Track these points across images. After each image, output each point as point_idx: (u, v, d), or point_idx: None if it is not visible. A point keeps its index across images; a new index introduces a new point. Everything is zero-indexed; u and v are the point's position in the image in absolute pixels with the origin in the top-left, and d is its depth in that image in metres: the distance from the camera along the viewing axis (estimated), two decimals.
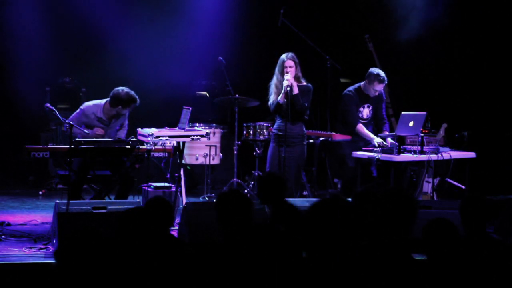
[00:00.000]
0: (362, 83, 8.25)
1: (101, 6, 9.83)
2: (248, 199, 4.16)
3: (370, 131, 8.30)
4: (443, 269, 3.69)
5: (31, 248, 6.20)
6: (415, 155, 7.80)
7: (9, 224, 7.11)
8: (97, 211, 6.27)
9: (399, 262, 3.26)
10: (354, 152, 8.02)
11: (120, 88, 7.42)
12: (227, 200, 4.08)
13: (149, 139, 7.11)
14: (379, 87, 8.13)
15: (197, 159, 9.07)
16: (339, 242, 2.98)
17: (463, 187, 8.40)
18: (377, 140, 8.03)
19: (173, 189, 7.43)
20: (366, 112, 8.29)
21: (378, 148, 7.84)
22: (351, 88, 8.30)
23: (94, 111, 7.44)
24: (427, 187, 8.44)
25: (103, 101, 7.49)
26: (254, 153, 9.03)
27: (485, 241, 4.30)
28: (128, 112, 7.56)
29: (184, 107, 7.55)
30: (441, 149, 8.05)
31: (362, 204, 4.13)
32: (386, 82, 8.13)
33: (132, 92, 7.44)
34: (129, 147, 7.04)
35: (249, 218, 4.01)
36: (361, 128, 8.17)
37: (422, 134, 7.92)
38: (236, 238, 3.89)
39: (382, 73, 8.10)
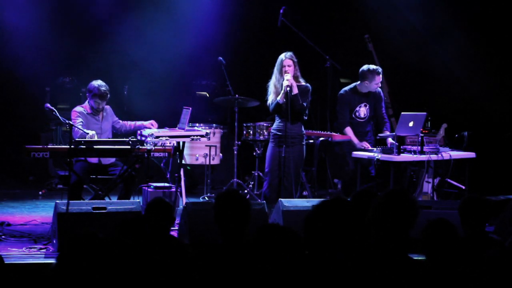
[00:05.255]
0: (358, 83, 8.27)
1: (101, 6, 9.83)
2: (245, 200, 4.16)
3: (369, 130, 8.34)
4: (442, 270, 3.69)
5: (31, 248, 6.19)
6: (415, 155, 7.80)
7: (9, 224, 7.11)
8: (97, 211, 6.27)
9: (396, 262, 3.26)
10: (354, 152, 8.03)
11: None
12: (225, 200, 4.08)
13: (149, 139, 7.12)
14: (379, 79, 8.22)
15: (197, 159, 9.06)
16: (340, 242, 2.99)
17: (463, 187, 8.40)
18: (360, 146, 8.11)
19: (173, 189, 7.43)
20: (363, 111, 8.30)
21: (379, 148, 7.85)
22: (346, 88, 8.34)
23: (82, 110, 7.56)
24: (427, 187, 8.43)
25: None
26: (254, 153, 9.03)
27: (485, 242, 4.31)
28: (104, 103, 7.61)
29: (184, 107, 7.55)
30: (441, 149, 8.05)
31: (361, 204, 4.14)
32: (381, 70, 8.22)
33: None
34: (129, 147, 7.03)
35: (247, 218, 4.01)
36: (349, 131, 8.21)
37: (422, 134, 7.92)
38: (235, 239, 3.89)
39: (373, 66, 8.22)
